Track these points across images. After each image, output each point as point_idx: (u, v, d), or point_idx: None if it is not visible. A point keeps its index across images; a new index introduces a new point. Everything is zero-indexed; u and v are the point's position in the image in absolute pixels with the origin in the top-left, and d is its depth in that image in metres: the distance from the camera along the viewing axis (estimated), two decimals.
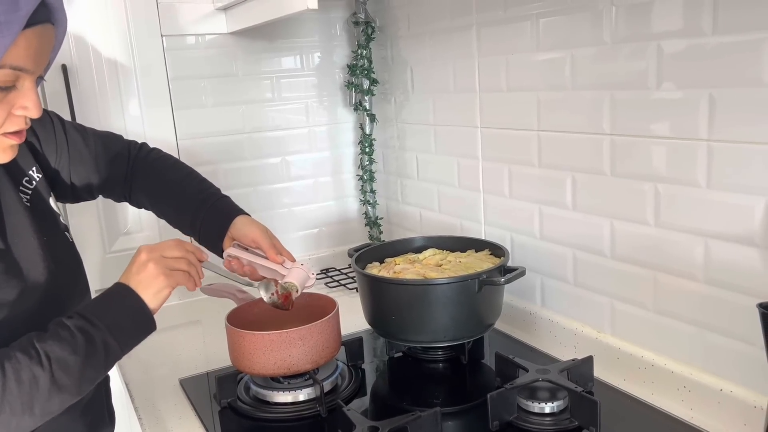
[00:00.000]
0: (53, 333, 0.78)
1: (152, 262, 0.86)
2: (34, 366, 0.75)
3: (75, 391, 0.79)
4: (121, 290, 0.86)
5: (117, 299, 0.85)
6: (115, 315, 0.83)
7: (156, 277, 0.86)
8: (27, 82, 0.75)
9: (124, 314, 0.84)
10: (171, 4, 1.63)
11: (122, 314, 0.84)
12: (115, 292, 0.86)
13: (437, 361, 1.30)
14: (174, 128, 1.68)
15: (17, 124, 0.77)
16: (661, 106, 1.02)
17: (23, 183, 0.90)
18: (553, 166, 1.26)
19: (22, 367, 0.74)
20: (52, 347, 0.76)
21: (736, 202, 0.94)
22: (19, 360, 0.74)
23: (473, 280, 1.17)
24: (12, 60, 0.71)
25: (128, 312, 0.84)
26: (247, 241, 1.11)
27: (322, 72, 1.85)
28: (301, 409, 1.12)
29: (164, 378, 1.30)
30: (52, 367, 0.76)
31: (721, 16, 0.92)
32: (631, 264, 1.13)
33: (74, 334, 0.78)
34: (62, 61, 1.50)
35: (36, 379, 0.74)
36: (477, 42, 1.41)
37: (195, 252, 0.93)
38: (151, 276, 0.86)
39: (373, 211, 1.91)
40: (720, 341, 1.01)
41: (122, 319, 0.83)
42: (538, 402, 1.02)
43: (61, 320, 0.80)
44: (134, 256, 0.88)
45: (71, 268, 0.93)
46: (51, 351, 0.76)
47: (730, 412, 0.99)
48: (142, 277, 0.86)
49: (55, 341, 0.77)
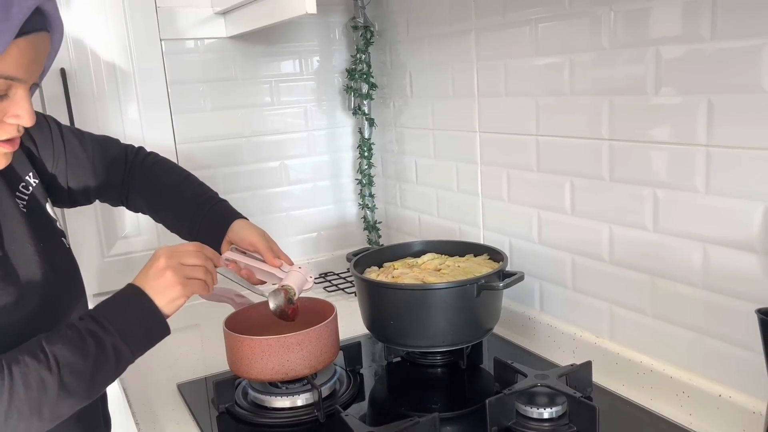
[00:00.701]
0: (63, 336, 0.77)
1: (171, 270, 0.85)
2: (43, 370, 0.74)
3: (85, 395, 0.78)
4: (136, 294, 0.84)
5: (131, 303, 0.84)
6: (127, 319, 0.82)
7: (173, 285, 0.85)
8: (20, 90, 0.74)
9: (137, 319, 0.83)
10: (170, 8, 1.63)
11: (135, 319, 0.83)
12: (129, 295, 0.84)
13: (436, 366, 1.29)
14: (173, 132, 1.68)
15: (9, 133, 0.76)
16: (660, 111, 1.03)
17: (20, 189, 0.89)
18: (551, 170, 1.26)
19: (30, 370, 0.73)
20: (61, 350, 0.76)
21: (735, 208, 0.94)
22: (27, 364, 0.73)
23: (472, 284, 1.17)
24: (3, 69, 0.71)
25: (141, 317, 0.83)
26: (244, 244, 1.10)
27: (321, 76, 1.85)
28: (299, 414, 1.12)
29: (162, 383, 1.30)
30: (61, 372, 0.75)
31: (719, 22, 0.92)
32: (629, 269, 1.13)
33: (84, 338, 0.78)
34: (61, 65, 1.50)
35: (44, 383, 0.74)
36: (476, 47, 1.41)
37: (213, 258, 0.92)
38: (169, 284, 0.84)
39: (372, 215, 1.91)
40: (719, 347, 1.01)
41: (135, 324, 0.82)
42: (536, 407, 1.02)
43: (71, 322, 0.79)
44: (152, 260, 0.86)
45: (68, 274, 0.92)
46: (60, 355, 0.75)
47: (729, 418, 0.99)
48: (159, 283, 0.84)
49: (65, 344, 0.76)
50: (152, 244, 1.68)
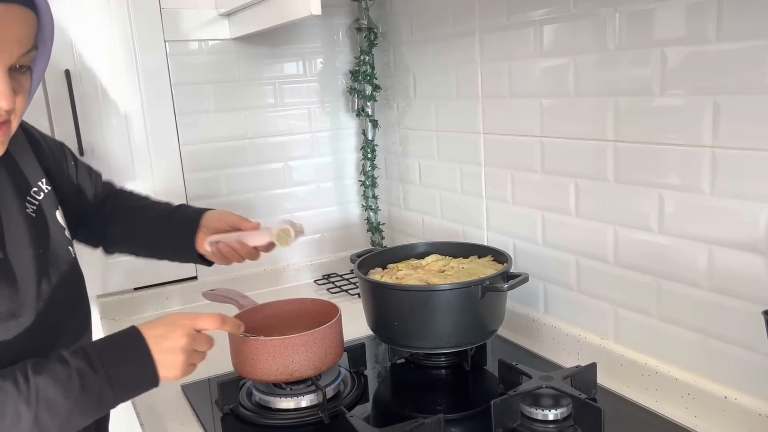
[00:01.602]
0: (51, 369, 0.75)
1: (185, 355, 0.84)
2: (21, 403, 0.73)
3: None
4: (138, 346, 0.82)
5: (132, 356, 0.81)
6: (122, 369, 0.80)
7: (178, 366, 0.84)
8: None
9: (131, 370, 0.81)
10: (174, 10, 1.63)
11: (129, 369, 0.81)
12: (130, 345, 0.82)
13: (440, 368, 1.29)
14: (177, 133, 1.68)
15: None
16: (665, 112, 1.02)
17: (30, 194, 0.87)
18: (556, 172, 1.26)
19: (8, 401, 0.72)
20: (45, 384, 0.74)
21: (741, 209, 0.94)
22: (8, 392, 0.72)
23: (476, 286, 1.17)
24: None
25: (136, 369, 0.81)
26: (221, 226, 1.12)
27: (324, 78, 1.85)
28: (303, 415, 1.12)
29: (166, 384, 1.29)
30: (38, 407, 0.73)
31: (725, 23, 0.92)
32: (634, 271, 1.13)
33: (71, 376, 0.76)
34: (65, 67, 1.51)
35: (19, 416, 0.73)
36: (480, 48, 1.41)
37: (234, 327, 0.95)
38: (176, 365, 0.84)
39: (375, 216, 1.91)
40: (724, 348, 1.00)
41: (128, 373, 0.80)
42: (541, 409, 1.01)
43: (64, 356, 0.77)
44: (173, 327, 0.85)
45: (67, 284, 0.89)
46: (42, 389, 0.74)
47: (734, 420, 0.98)
48: (169, 359, 0.83)
49: (50, 378, 0.75)
50: None
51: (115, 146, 1.61)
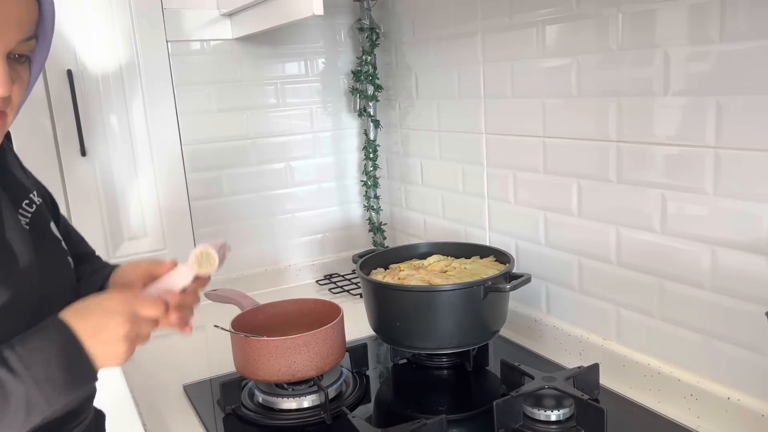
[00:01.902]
0: None
1: (127, 342, 0.73)
2: None
3: None
4: (64, 340, 0.71)
5: (57, 349, 0.70)
6: (48, 366, 0.69)
7: (120, 356, 0.74)
8: None
9: (61, 368, 0.69)
10: (176, 10, 1.63)
11: (58, 367, 0.69)
12: (56, 340, 0.70)
13: (442, 368, 1.29)
14: (178, 133, 1.68)
15: None
16: (668, 112, 1.02)
17: (23, 206, 0.83)
18: (558, 172, 1.26)
19: None
20: None
21: (743, 210, 0.94)
22: None
23: (479, 286, 1.17)
24: None
25: (67, 366, 0.70)
26: (133, 278, 0.90)
27: (326, 78, 1.85)
28: (305, 415, 1.12)
29: (168, 384, 1.30)
30: None
31: (728, 23, 0.91)
32: (637, 271, 1.13)
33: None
34: (67, 67, 1.51)
35: None
36: (482, 48, 1.41)
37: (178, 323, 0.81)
38: (118, 353, 0.73)
39: (377, 217, 1.91)
40: (727, 349, 1.00)
41: (57, 372, 0.69)
42: (544, 410, 1.01)
43: None
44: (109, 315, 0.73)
45: (62, 295, 0.82)
46: None
47: (737, 421, 0.98)
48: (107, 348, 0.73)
49: None
50: (157, 245, 1.68)
51: (117, 147, 1.61)
